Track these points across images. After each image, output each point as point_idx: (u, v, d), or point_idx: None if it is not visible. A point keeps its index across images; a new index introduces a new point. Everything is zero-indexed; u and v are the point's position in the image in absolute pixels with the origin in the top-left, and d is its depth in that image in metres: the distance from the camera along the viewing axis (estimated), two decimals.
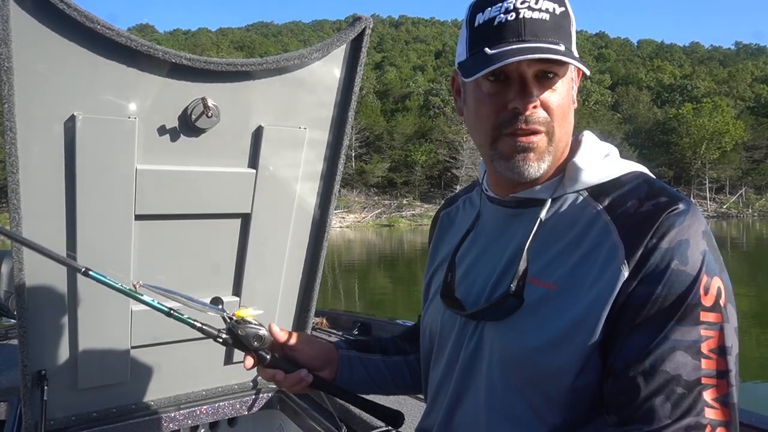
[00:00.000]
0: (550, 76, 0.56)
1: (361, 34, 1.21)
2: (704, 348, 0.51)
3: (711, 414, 0.50)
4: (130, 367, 1.29)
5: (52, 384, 1.18)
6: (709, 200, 46.81)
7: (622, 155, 0.65)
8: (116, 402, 1.31)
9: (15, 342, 1.74)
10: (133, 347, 1.28)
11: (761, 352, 6.67)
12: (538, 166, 0.58)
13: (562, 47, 0.55)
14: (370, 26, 1.22)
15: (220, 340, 0.71)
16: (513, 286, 0.59)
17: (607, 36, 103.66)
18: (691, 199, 0.60)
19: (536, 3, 0.55)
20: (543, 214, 0.61)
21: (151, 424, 1.33)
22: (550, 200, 0.61)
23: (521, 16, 0.55)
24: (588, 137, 0.64)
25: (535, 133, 0.57)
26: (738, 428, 0.51)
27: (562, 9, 0.57)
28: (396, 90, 58.14)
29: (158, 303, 0.73)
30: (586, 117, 46.49)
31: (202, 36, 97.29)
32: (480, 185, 0.72)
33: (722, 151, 46.33)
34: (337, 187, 1.35)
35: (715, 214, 44.85)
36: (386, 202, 45.71)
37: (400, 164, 46.94)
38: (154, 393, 1.36)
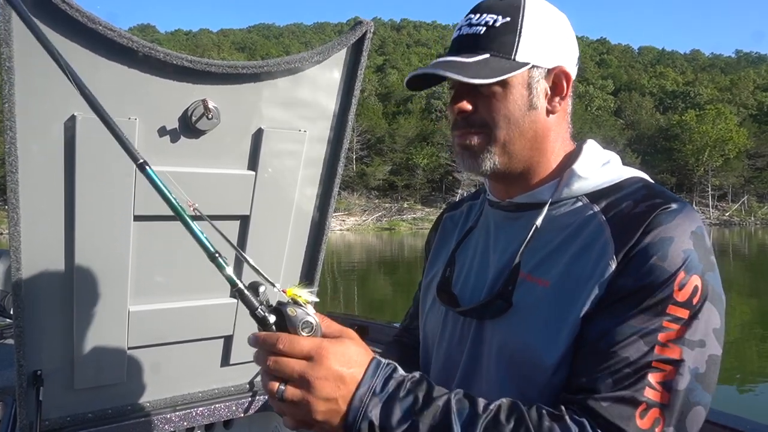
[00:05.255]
0: (482, 85, 0.60)
1: (362, 38, 1.21)
2: (662, 338, 0.52)
3: (650, 394, 0.51)
4: (127, 367, 1.29)
5: (47, 384, 1.18)
6: (712, 208, 46.73)
7: (625, 161, 0.66)
8: (112, 403, 1.31)
9: (11, 341, 1.74)
10: (129, 348, 1.28)
11: (761, 362, 6.64)
12: (479, 163, 0.63)
13: (474, 59, 0.59)
14: (371, 30, 1.22)
15: (260, 315, 0.53)
16: (503, 289, 0.61)
17: (609, 42, 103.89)
18: (694, 206, 0.62)
19: (478, 18, 0.61)
20: (539, 221, 0.63)
21: (147, 425, 1.32)
22: (546, 206, 0.63)
23: (461, 32, 0.62)
24: (589, 145, 0.66)
25: (469, 134, 0.62)
26: (681, 416, 0.51)
27: (506, 20, 0.60)
28: (398, 93, 58.28)
29: (207, 238, 0.58)
30: (589, 122, 46.51)
31: (204, 37, 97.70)
32: (485, 191, 0.75)
33: (725, 158, 46.28)
34: (336, 189, 1.35)
35: (718, 222, 44.76)
36: (387, 205, 45.73)
37: (401, 167, 46.98)
38: (151, 394, 1.36)
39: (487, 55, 0.59)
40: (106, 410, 1.29)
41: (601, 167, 0.64)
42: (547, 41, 0.61)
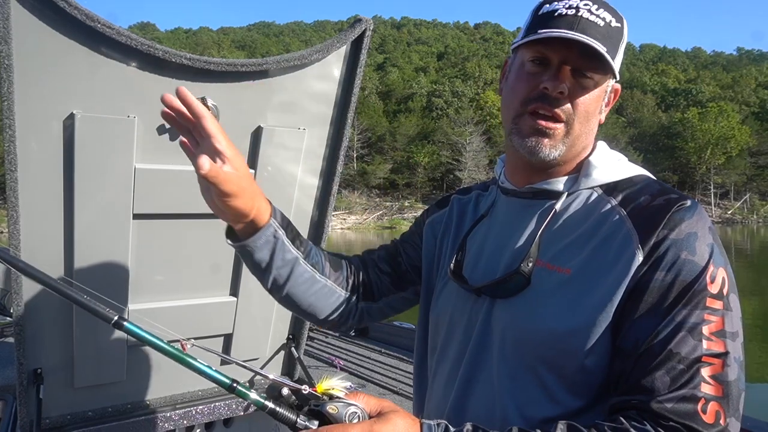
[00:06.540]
0: (587, 75, 0.61)
1: (362, 36, 1.21)
2: (706, 331, 0.55)
3: (706, 389, 0.53)
4: (127, 366, 1.29)
5: (48, 382, 1.18)
6: (714, 206, 46.56)
7: (627, 159, 0.70)
8: (112, 401, 1.31)
9: (11, 340, 1.74)
10: (129, 346, 1.28)
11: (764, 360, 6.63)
12: (548, 151, 0.63)
13: (603, 49, 0.60)
14: (371, 28, 1.21)
15: (302, 427, 0.51)
16: (522, 266, 0.62)
17: None
18: None
19: (596, 9, 0.61)
20: (558, 205, 0.65)
21: (147, 423, 1.33)
22: (566, 193, 0.65)
23: (580, 13, 0.61)
24: (602, 144, 0.70)
25: (555, 119, 0.62)
26: (736, 403, 0.54)
27: (618, 25, 0.62)
28: (399, 91, 58.17)
29: (218, 372, 0.57)
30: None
31: (204, 35, 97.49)
32: (497, 180, 0.76)
33: (727, 156, 46.10)
34: (335, 188, 1.35)
35: (720, 220, 44.60)
36: (388, 203, 45.69)
37: (402, 166, 46.92)
38: (150, 392, 1.36)
39: (605, 50, 0.60)
40: (106, 408, 1.30)
41: (616, 162, 0.67)
42: (622, 56, 0.65)
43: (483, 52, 72.45)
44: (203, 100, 1.11)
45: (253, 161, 1.24)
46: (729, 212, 47.08)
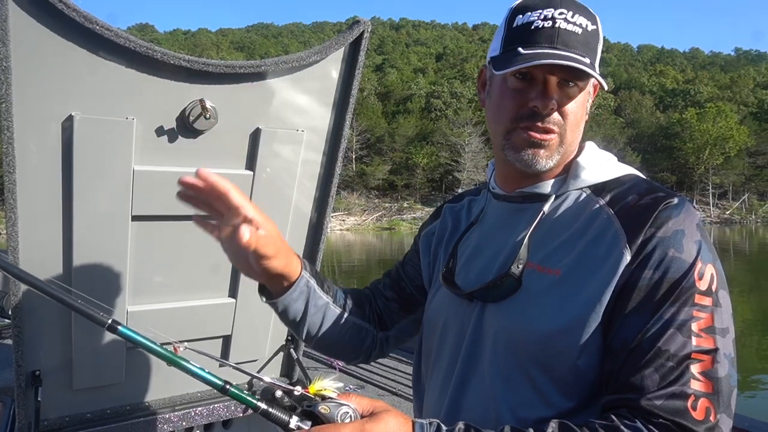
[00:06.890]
0: (571, 85, 0.62)
1: (360, 37, 1.21)
2: (695, 327, 0.55)
3: (696, 385, 0.53)
4: (126, 367, 1.29)
5: (46, 384, 1.18)
6: (712, 206, 46.66)
7: (625, 160, 0.70)
8: (111, 403, 1.31)
9: (9, 342, 1.74)
10: (128, 348, 1.28)
11: (762, 364, 6.63)
12: (545, 162, 0.64)
13: (587, 60, 0.60)
14: (369, 29, 1.22)
15: (295, 428, 0.52)
16: (513, 268, 0.63)
17: (608, 41, 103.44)
18: (694, 204, 0.66)
19: (572, 17, 0.61)
20: (546, 207, 0.65)
21: (146, 425, 1.32)
22: (554, 195, 0.66)
23: (557, 25, 0.60)
24: (590, 144, 0.71)
25: (548, 132, 0.63)
26: (727, 400, 0.54)
27: (594, 27, 0.63)
28: (397, 92, 58.23)
29: (210, 374, 0.57)
30: (588, 121, 46.13)
31: (202, 36, 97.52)
32: (487, 185, 0.76)
33: (726, 156, 46.21)
34: (334, 189, 1.35)
35: (718, 220, 44.68)
36: (387, 204, 45.70)
37: (401, 167, 46.94)
38: (149, 394, 1.36)
39: (588, 60, 0.61)
40: (104, 410, 1.29)
41: (605, 162, 0.67)
42: (600, 54, 0.65)
43: (482, 53, 72.50)
44: (202, 102, 1.11)
45: (251, 163, 1.25)
46: (727, 212, 47.15)
